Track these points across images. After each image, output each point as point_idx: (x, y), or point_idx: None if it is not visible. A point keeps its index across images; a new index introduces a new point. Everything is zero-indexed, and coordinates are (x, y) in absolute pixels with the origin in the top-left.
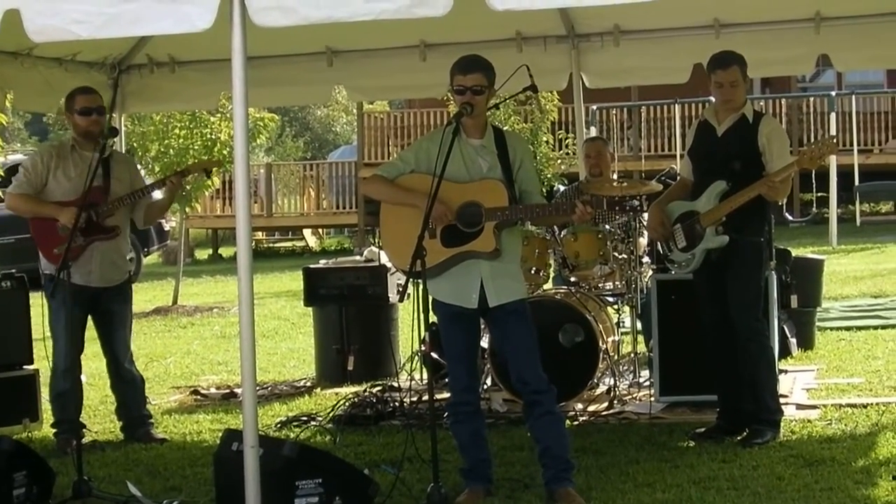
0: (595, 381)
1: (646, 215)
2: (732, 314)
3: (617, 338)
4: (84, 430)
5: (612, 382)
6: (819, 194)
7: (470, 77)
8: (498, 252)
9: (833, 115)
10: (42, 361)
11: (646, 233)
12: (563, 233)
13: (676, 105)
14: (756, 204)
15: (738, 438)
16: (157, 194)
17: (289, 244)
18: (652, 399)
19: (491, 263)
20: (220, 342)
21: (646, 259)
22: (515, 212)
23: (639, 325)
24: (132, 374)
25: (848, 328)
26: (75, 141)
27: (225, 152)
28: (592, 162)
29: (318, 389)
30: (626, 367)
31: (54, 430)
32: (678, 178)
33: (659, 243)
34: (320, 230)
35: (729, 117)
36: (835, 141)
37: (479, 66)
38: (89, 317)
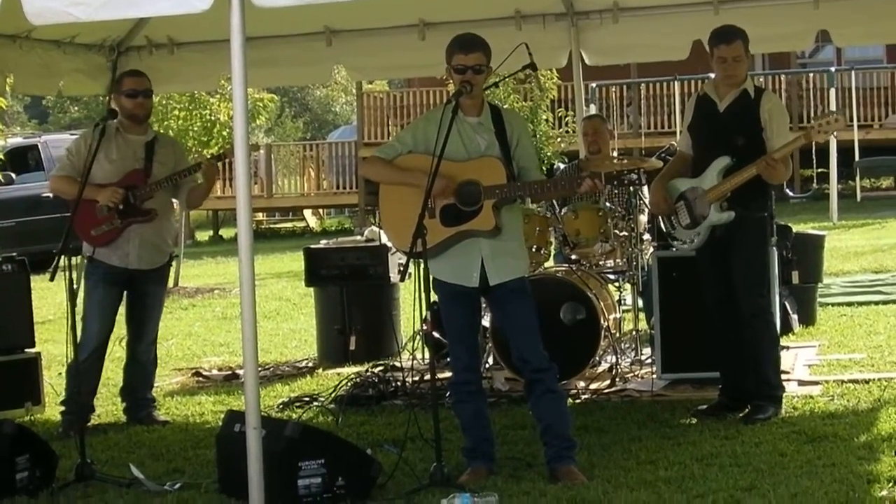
0: (597, 358)
1: (646, 190)
2: (737, 290)
3: (618, 315)
4: (91, 414)
5: (613, 360)
6: (819, 170)
7: (471, 56)
8: (498, 230)
9: (833, 91)
10: (44, 345)
11: (646, 210)
12: (563, 210)
13: (676, 82)
14: (759, 179)
15: (741, 415)
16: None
17: (289, 225)
18: (654, 376)
19: (491, 242)
20: (222, 323)
21: (646, 236)
22: (514, 189)
23: (640, 303)
24: (148, 357)
25: (849, 304)
26: (120, 124)
27: (224, 134)
28: (590, 139)
29: (320, 370)
30: (627, 345)
31: (61, 409)
32: (677, 153)
33: (661, 220)
34: (321, 210)
35: (731, 93)
36: (840, 115)
37: (479, 45)
38: (125, 297)
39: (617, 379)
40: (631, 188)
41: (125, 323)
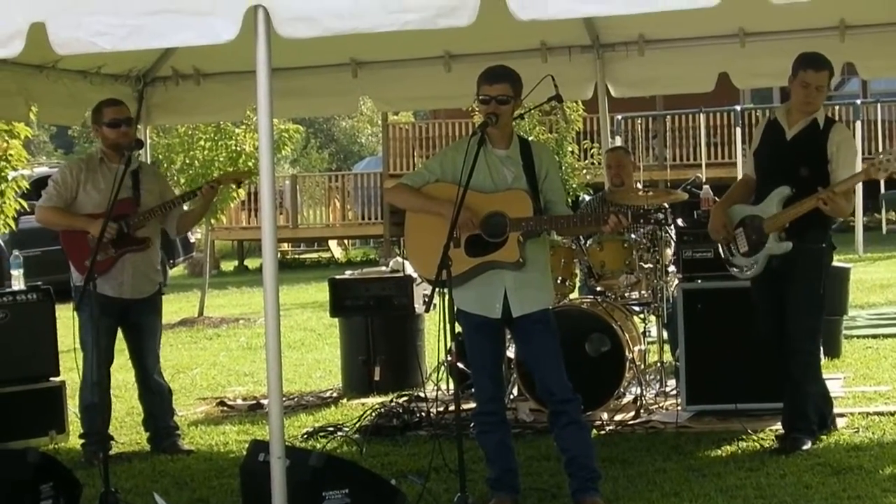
0: (621, 390)
1: (672, 229)
2: (788, 322)
3: (643, 347)
4: (111, 442)
5: (638, 392)
6: None
7: (496, 87)
8: (521, 263)
9: (858, 124)
10: (69, 373)
11: (672, 242)
12: (588, 242)
13: (701, 114)
14: (818, 210)
15: (778, 447)
16: (187, 205)
17: (314, 255)
18: (678, 408)
19: (514, 274)
20: (247, 353)
21: (672, 268)
22: (540, 222)
23: (665, 335)
24: (160, 386)
25: (874, 336)
26: (104, 153)
27: (250, 164)
28: (613, 172)
29: (345, 400)
30: (652, 377)
31: (82, 442)
32: (743, 176)
33: (720, 246)
34: (346, 241)
35: (801, 121)
36: None
37: (506, 76)
38: (119, 328)
39: (641, 410)
40: (656, 225)
41: (128, 358)
